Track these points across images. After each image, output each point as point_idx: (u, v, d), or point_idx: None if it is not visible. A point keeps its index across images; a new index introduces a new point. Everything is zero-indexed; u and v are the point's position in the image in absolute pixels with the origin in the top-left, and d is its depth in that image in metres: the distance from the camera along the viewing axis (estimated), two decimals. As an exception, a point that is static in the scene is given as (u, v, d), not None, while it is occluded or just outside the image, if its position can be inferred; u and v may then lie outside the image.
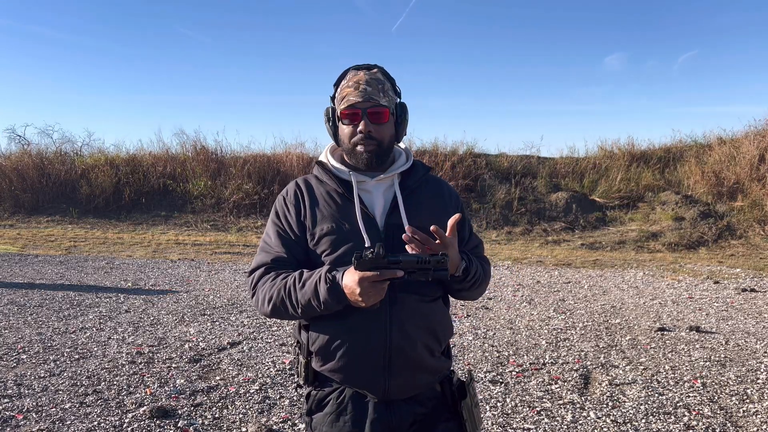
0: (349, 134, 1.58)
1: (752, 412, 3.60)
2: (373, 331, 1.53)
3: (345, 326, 1.55)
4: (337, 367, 1.57)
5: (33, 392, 3.82)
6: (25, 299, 6.70)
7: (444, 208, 1.68)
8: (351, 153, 1.60)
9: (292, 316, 1.56)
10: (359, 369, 1.56)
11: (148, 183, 15.49)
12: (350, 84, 1.58)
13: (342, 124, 1.59)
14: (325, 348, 1.57)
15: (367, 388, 1.57)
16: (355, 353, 1.55)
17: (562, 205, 13.63)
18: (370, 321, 1.52)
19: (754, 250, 10.91)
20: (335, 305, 1.46)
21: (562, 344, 5.10)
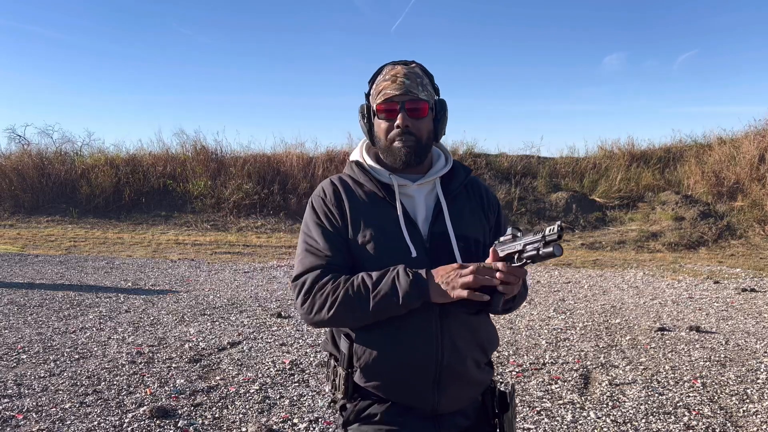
0: (385, 130, 1.50)
1: (752, 412, 3.60)
2: (423, 345, 1.46)
3: (395, 339, 1.46)
4: (385, 382, 1.49)
5: (33, 392, 3.82)
6: (25, 299, 6.71)
7: (486, 215, 1.62)
8: (387, 150, 1.51)
9: (355, 321, 1.45)
10: (408, 384, 1.48)
11: (148, 183, 15.49)
12: (387, 78, 1.50)
13: (378, 119, 1.51)
14: (373, 362, 1.47)
15: (416, 403, 1.50)
16: (405, 369, 1.47)
17: (562, 205, 13.63)
18: (421, 335, 1.45)
19: (754, 250, 10.91)
20: (416, 300, 1.36)
21: (562, 344, 5.10)
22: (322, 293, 1.43)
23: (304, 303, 1.45)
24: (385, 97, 1.48)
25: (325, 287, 1.43)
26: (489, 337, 1.59)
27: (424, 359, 1.46)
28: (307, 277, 1.46)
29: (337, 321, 1.45)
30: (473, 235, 1.55)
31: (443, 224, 1.50)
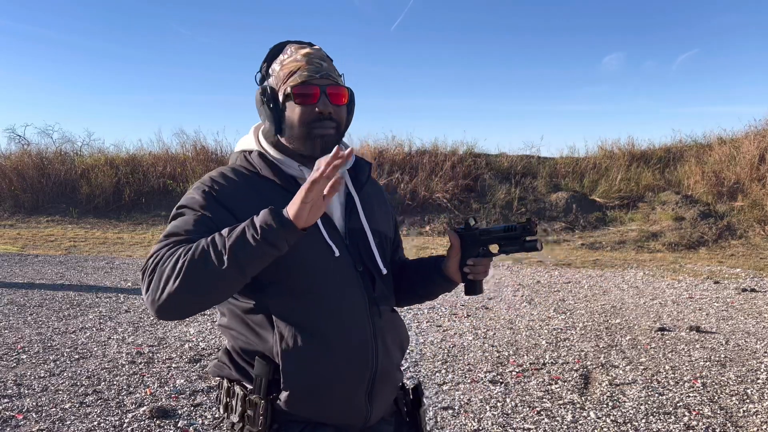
0: (302, 115, 1.30)
1: (752, 412, 3.60)
2: (359, 350, 1.32)
3: (329, 348, 1.29)
4: (320, 402, 1.29)
5: (33, 392, 3.82)
6: (25, 299, 6.70)
7: (389, 209, 1.56)
8: (304, 138, 1.31)
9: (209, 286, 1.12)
10: (345, 398, 1.32)
11: (148, 183, 15.48)
12: (299, 58, 1.32)
13: (293, 104, 1.30)
14: (307, 380, 1.27)
15: (351, 418, 1.34)
16: (342, 381, 1.30)
17: (562, 205, 13.63)
18: (356, 338, 1.32)
19: (755, 250, 10.90)
20: (277, 227, 1.11)
21: (562, 344, 5.09)
22: (167, 263, 1.14)
23: (149, 284, 1.15)
24: (303, 80, 1.30)
25: (173, 254, 1.15)
26: (406, 335, 1.51)
27: (360, 366, 1.32)
28: (154, 256, 1.17)
29: (188, 290, 1.12)
30: (384, 231, 1.47)
31: (358, 219, 1.38)
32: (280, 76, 1.32)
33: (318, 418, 1.31)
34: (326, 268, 1.31)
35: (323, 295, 1.31)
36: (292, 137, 1.34)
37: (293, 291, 1.28)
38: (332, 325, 1.29)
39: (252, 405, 1.28)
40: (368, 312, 1.34)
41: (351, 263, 1.35)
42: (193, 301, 1.16)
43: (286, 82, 1.31)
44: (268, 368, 1.27)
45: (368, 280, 1.38)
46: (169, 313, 1.18)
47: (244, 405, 1.29)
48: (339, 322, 1.30)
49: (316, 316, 1.29)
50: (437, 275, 1.50)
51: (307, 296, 1.29)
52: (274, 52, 1.37)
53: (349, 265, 1.34)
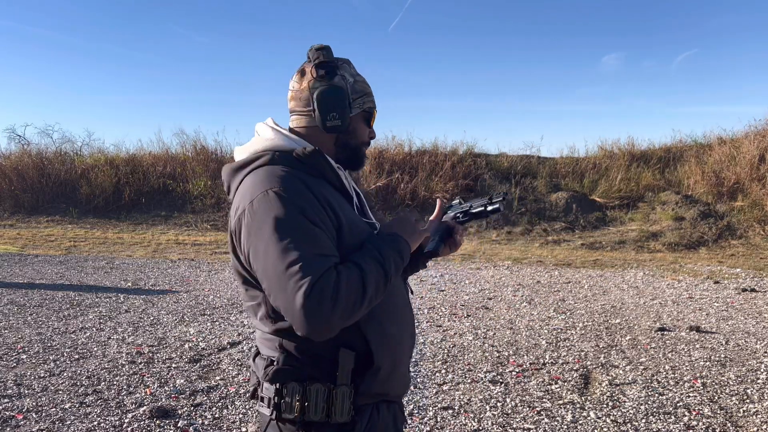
0: (365, 134, 1.47)
1: (752, 412, 3.60)
2: (412, 326, 1.46)
3: (402, 325, 1.40)
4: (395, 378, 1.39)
5: (33, 392, 3.82)
6: (25, 299, 6.70)
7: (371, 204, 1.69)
8: (356, 152, 1.46)
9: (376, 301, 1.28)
10: (406, 371, 1.44)
11: (148, 183, 15.49)
12: (366, 81, 1.47)
13: (361, 121, 1.45)
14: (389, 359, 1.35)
15: (404, 390, 1.44)
16: (407, 354, 1.43)
17: (562, 205, 13.63)
18: (409, 316, 1.45)
19: (755, 250, 10.90)
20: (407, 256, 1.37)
21: (562, 344, 5.09)
22: (350, 288, 1.20)
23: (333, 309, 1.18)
24: (374, 105, 1.47)
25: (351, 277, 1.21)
26: None
27: (413, 340, 1.45)
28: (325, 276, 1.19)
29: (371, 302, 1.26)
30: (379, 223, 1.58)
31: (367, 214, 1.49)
32: (357, 89, 1.43)
33: (388, 393, 1.38)
34: None
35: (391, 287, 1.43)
36: (343, 144, 1.44)
37: None
38: (395, 303, 1.40)
39: (338, 397, 1.29)
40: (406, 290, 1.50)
41: None
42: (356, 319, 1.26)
43: (366, 99, 1.44)
44: (351, 357, 1.31)
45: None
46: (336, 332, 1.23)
47: (329, 400, 1.29)
48: (402, 300, 1.44)
49: (389, 298, 1.37)
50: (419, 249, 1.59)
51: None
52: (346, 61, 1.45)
53: None
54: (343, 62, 1.44)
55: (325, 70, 1.39)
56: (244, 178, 1.35)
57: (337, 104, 1.38)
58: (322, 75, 1.39)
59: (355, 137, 1.45)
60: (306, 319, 1.16)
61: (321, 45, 1.42)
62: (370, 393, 1.33)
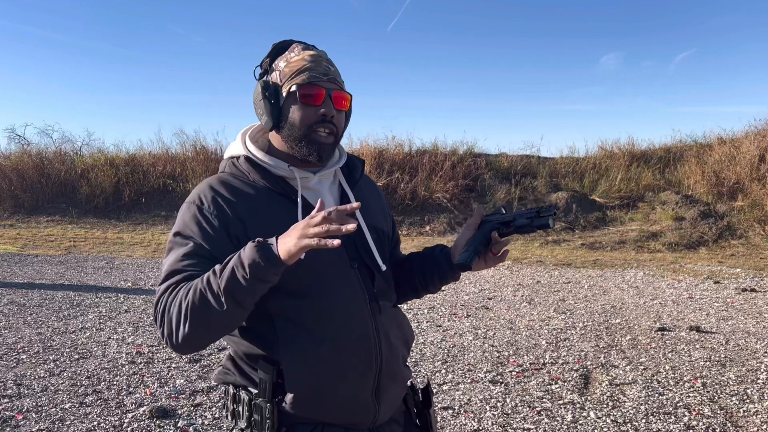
0: (304, 116, 1.29)
1: (752, 412, 3.60)
2: (363, 347, 1.30)
3: (333, 347, 1.27)
4: (327, 402, 1.28)
5: (33, 392, 3.81)
6: (25, 299, 6.70)
7: (385, 206, 1.55)
8: (302, 139, 1.31)
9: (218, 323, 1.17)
10: (351, 397, 1.29)
11: (147, 183, 15.48)
12: (306, 57, 1.31)
13: (297, 103, 1.29)
14: (312, 381, 1.26)
15: (359, 418, 1.32)
16: (347, 379, 1.28)
17: (562, 205, 13.62)
18: (359, 335, 1.30)
19: (755, 250, 10.90)
20: (265, 264, 1.11)
21: (562, 344, 5.09)
22: (173, 307, 1.18)
23: (162, 330, 1.21)
24: (310, 80, 1.29)
25: (175, 299, 1.19)
26: (410, 331, 1.49)
27: (363, 363, 1.30)
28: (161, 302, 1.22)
29: (198, 332, 1.17)
30: (381, 227, 1.46)
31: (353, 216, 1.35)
32: (285, 72, 1.31)
33: (325, 418, 1.29)
34: (320, 267, 1.30)
35: (321, 294, 1.29)
36: (289, 137, 1.32)
37: (291, 292, 1.27)
38: (332, 322, 1.28)
39: (258, 409, 1.27)
40: (368, 308, 1.33)
41: (347, 261, 1.34)
42: (208, 336, 1.21)
43: (292, 79, 1.30)
44: (271, 371, 1.26)
45: (367, 276, 1.37)
46: (189, 350, 1.25)
47: (250, 410, 1.28)
48: (339, 319, 1.29)
49: (315, 315, 1.28)
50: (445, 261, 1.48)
51: (305, 296, 1.28)
52: (278, 49, 1.36)
53: (342, 263, 1.33)
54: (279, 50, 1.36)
55: (260, 70, 1.38)
56: None
57: (257, 100, 1.33)
58: (257, 77, 1.38)
59: (294, 125, 1.30)
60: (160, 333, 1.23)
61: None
62: (293, 413, 1.27)
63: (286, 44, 1.37)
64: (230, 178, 1.33)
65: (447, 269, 1.48)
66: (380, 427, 1.36)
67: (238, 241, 1.24)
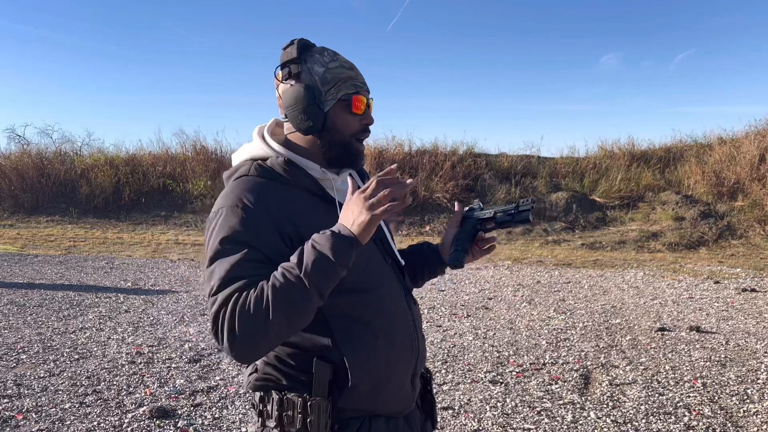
0: (351, 125, 1.32)
1: (752, 412, 3.60)
2: (407, 337, 1.35)
3: (385, 338, 1.29)
4: (381, 393, 1.29)
5: (33, 392, 3.81)
6: (25, 299, 6.70)
7: None
8: (345, 146, 1.33)
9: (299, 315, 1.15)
10: (399, 386, 1.33)
11: (147, 183, 15.48)
12: (347, 65, 1.32)
13: (343, 111, 1.31)
14: (369, 373, 1.26)
15: (402, 407, 1.35)
16: (397, 369, 1.32)
17: (563, 205, 13.62)
18: (402, 328, 1.34)
19: (755, 250, 10.90)
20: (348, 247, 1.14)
21: (562, 344, 5.09)
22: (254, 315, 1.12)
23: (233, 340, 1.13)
24: (358, 90, 1.32)
25: (247, 300, 1.13)
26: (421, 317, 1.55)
27: (408, 353, 1.34)
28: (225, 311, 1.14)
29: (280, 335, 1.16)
30: (389, 224, 1.52)
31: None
32: (328, 79, 1.30)
33: (378, 410, 1.30)
34: (369, 263, 1.33)
35: (374, 288, 1.32)
36: (329, 142, 1.32)
37: (347, 288, 1.26)
38: (384, 316, 1.31)
39: (315, 410, 1.24)
40: (405, 300, 1.40)
41: (381, 256, 1.39)
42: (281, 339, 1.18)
43: (338, 86, 1.30)
44: (328, 369, 1.25)
45: (398, 270, 1.44)
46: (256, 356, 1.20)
47: (304, 412, 1.24)
48: (389, 312, 1.33)
49: (371, 309, 1.30)
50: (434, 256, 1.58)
51: (361, 291, 1.29)
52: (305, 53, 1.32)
53: (381, 258, 1.38)
54: (314, 53, 1.32)
55: (289, 70, 1.32)
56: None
57: (302, 105, 1.29)
58: (286, 76, 1.33)
59: (338, 132, 1.32)
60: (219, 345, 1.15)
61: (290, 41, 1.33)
62: (351, 408, 1.27)
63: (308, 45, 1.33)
64: (263, 180, 1.29)
65: (437, 264, 1.58)
66: (411, 414, 1.40)
67: (291, 242, 1.23)
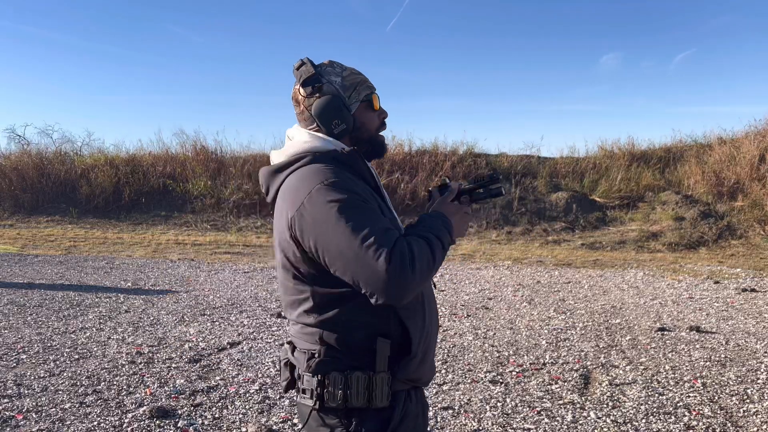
0: (373, 121, 1.54)
1: (752, 412, 3.60)
2: (436, 313, 1.55)
3: (429, 313, 1.49)
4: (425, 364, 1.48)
5: (33, 392, 3.81)
6: (25, 299, 6.70)
7: None
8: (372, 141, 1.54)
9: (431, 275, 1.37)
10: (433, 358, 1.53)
11: (147, 183, 15.49)
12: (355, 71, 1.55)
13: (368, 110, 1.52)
14: (422, 346, 1.45)
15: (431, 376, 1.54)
16: (432, 341, 1.51)
17: (562, 205, 13.62)
18: (434, 303, 1.54)
19: (755, 250, 10.90)
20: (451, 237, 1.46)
21: (562, 344, 5.09)
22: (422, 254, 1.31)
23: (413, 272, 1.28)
24: (371, 89, 1.53)
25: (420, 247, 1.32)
26: None
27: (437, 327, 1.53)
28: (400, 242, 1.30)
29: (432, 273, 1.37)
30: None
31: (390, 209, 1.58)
32: (346, 86, 1.49)
33: (422, 378, 1.48)
34: None
35: None
36: (359, 139, 1.51)
37: None
38: (426, 292, 1.49)
39: (377, 384, 1.38)
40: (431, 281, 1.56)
41: None
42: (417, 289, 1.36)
43: (357, 90, 1.50)
44: (387, 345, 1.39)
45: None
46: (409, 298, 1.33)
47: (369, 387, 1.37)
48: (428, 288, 1.51)
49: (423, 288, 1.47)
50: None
51: None
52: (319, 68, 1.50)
53: None
54: (326, 67, 1.50)
55: (311, 85, 1.48)
56: (286, 179, 1.44)
57: (334, 112, 1.46)
58: (310, 92, 1.48)
59: (366, 129, 1.52)
60: (390, 283, 1.26)
61: (299, 62, 1.51)
62: (405, 379, 1.42)
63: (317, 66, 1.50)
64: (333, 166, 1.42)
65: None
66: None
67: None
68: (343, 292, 1.37)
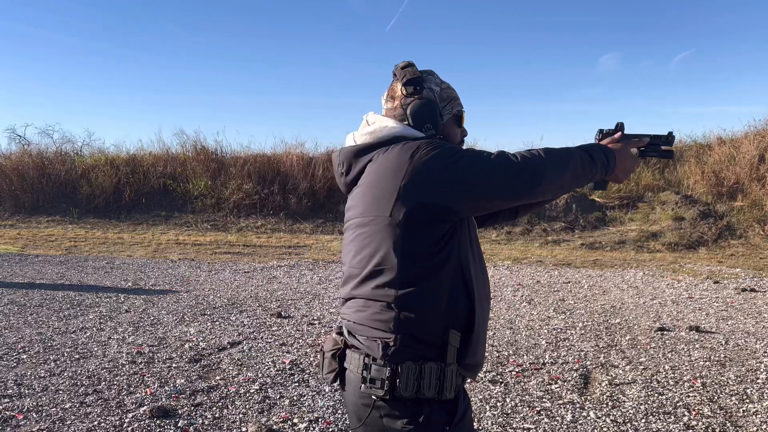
0: (456, 135, 1.63)
1: (752, 412, 3.60)
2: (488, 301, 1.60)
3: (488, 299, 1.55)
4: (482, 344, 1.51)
5: (33, 392, 3.82)
6: (26, 299, 6.71)
7: None
8: None
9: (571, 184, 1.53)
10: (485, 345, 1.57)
11: (148, 183, 15.48)
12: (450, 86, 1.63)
13: (456, 125, 1.63)
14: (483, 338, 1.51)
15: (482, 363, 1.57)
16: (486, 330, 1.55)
17: (562, 205, 13.63)
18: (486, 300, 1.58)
19: (754, 250, 10.90)
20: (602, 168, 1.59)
21: (562, 344, 5.10)
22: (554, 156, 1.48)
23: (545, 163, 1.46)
24: (462, 107, 1.64)
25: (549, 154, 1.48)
26: None
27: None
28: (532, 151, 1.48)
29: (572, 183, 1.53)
30: None
31: None
32: (444, 97, 1.59)
33: (478, 365, 1.51)
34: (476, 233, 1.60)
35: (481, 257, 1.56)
36: None
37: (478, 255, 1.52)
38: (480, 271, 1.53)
39: (448, 374, 1.40)
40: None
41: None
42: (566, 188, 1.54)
43: (452, 104, 1.60)
44: (458, 337, 1.42)
45: None
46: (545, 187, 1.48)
47: (441, 377, 1.39)
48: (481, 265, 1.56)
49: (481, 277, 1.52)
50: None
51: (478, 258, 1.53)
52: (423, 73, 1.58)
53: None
54: (427, 74, 1.59)
55: (414, 86, 1.55)
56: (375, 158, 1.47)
57: (429, 116, 1.54)
58: (411, 91, 1.55)
59: (450, 140, 1.59)
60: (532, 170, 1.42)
61: (405, 62, 1.58)
62: (468, 366, 1.45)
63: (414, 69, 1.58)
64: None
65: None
66: None
67: None
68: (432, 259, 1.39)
